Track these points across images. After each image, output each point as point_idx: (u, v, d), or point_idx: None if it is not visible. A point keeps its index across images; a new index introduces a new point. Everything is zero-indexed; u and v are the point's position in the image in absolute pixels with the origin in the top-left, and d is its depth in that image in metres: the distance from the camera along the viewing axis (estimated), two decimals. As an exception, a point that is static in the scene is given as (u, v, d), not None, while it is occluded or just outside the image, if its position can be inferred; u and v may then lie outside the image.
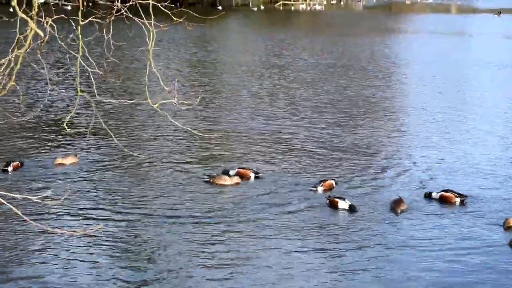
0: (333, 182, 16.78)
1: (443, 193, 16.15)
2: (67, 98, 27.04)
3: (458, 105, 28.05)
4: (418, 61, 41.81)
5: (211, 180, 16.85)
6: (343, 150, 20.48)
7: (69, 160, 18.24)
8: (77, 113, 23.29)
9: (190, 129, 11.77)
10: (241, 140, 21.42)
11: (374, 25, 68.29)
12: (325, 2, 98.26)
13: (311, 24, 72.02)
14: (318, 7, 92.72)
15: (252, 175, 17.31)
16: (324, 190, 16.32)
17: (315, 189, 16.43)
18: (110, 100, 9.85)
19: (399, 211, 15.09)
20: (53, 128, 22.33)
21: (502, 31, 63.09)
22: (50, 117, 23.89)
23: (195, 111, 24.63)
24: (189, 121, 23.17)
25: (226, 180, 16.75)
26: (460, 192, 16.28)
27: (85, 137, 20.32)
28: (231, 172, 17.33)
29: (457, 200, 15.98)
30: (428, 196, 16.28)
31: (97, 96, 9.43)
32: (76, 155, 18.67)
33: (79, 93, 8.79)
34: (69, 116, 9.16)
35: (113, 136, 10.34)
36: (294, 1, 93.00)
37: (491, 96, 30.42)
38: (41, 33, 8.20)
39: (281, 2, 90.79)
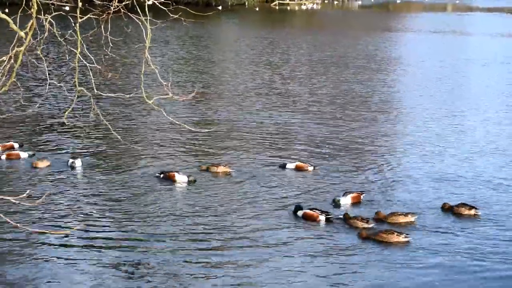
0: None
1: (297, 163, 17.91)
2: (65, 93, 27.22)
3: (453, 100, 28.38)
4: (415, 59, 42.00)
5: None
6: (336, 146, 20.76)
7: (45, 163, 17.74)
8: (75, 108, 23.46)
9: (187, 126, 11.72)
10: (235, 136, 21.66)
11: (370, 23, 68.31)
12: (318, 1, 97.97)
13: (306, 23, 72.04)
14: (313, 6, 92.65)
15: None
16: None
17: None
18: (108, 95, 9.93)
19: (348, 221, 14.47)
20: (51, 122, 22.59)
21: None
22: (48, 112, 24.11)
23: (190, 107, 24.86)
24: (184, 116, 23.46)
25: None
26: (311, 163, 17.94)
27: (83, 132, 20.52)
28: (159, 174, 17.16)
29: (310, 168, 17.69)
30: (283, 166, 17.78)
31: (95, 90, 9.52)
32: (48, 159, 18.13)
33: (77, 88, 9.00)
34: (67, 112, 9.36)
35: (112, 129, 10.52)
36: (289, 0, 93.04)
37: (487, 93, 30.70)
38: (22, 33, 8.37)
39: (276, 1, 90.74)
